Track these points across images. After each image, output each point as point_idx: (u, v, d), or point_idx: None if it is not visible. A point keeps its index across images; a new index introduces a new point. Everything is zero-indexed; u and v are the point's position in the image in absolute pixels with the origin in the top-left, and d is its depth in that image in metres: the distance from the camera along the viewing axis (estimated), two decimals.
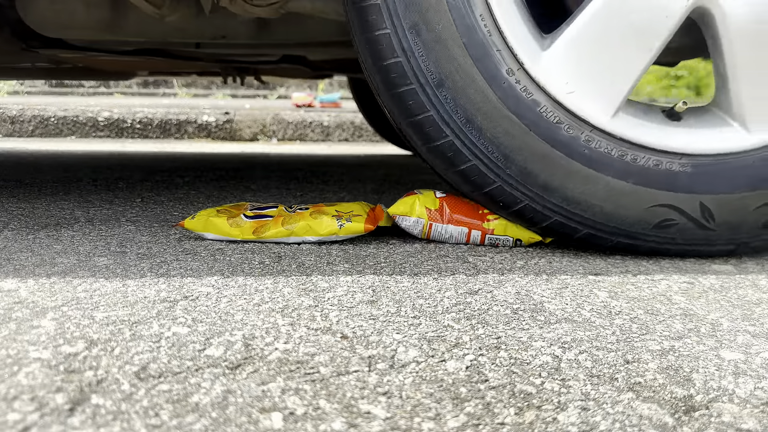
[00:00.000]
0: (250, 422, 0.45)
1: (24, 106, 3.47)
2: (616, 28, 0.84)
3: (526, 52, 0.85)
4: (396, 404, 0.48)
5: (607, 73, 0.86)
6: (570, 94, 0.85)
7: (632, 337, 0.62)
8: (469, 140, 0.87)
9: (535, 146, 0.86)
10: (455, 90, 0.85)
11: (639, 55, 0.85)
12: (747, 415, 0.48)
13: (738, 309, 0.72)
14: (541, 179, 0.88)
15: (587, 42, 0.85)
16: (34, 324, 0.60)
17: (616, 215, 0.89)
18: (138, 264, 0.82)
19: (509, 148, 0.87)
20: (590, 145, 0.87)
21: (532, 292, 0.75)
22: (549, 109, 0.86)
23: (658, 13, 0.83)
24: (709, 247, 0.91)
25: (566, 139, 0.86)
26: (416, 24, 0.84)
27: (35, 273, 0.77)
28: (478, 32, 0.85)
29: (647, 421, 0.47)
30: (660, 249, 0.91)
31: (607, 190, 0.87)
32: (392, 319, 0.65)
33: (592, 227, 0.90)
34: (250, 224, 0.94)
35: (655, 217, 0.88)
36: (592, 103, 0.86)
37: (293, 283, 0.76)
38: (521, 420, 0.47)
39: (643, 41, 0.84)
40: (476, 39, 0.85)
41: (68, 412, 0.45)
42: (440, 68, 0.85)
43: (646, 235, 0.90)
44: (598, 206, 0.88)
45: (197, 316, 0.64)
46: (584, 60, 0.86)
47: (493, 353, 0.58)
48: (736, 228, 0.90)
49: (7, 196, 1.31)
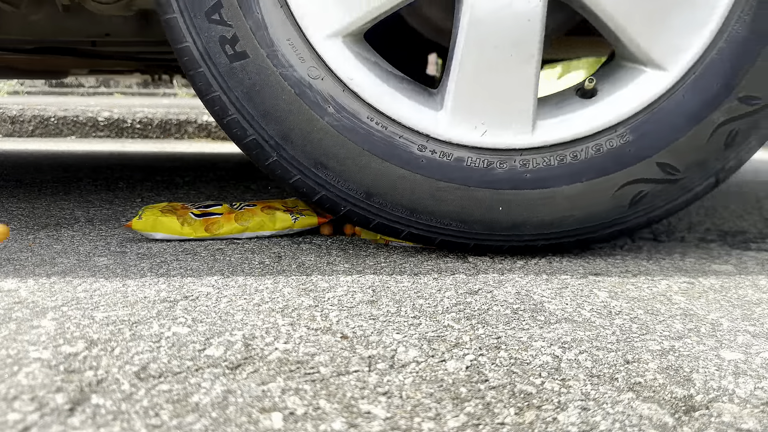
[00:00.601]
0: (250, 422, 0.45)
1: (24, 106, 3.47)
2: (494, 57, 0.82)
3: (430, 125, 0.84)
4: (396, 404, 0.48)
5: (505, 100, 0.84)
6: (485, 135, 0.84)
7: (632, 337, 0.62)
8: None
9: (474, 194, 0.86)
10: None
11: (525, 66, 0.82)
12: (747, 415, 0.48)
13: (738, 309, 0.72)
14: (511, 219, 0.88)
15: (474, 83, 0.83)
16: (34, 324, 0.60)
17: (593, 214, 0.88)
18: (138, 264, 0.82)
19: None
20: (536, 167, 0.86)
21: (532, 292, 0.75)
22: (478, 157, 0.85)
23: (520, 20, 0.80)
24: (690, 192, 0.89)
25: (516, 176, 0.86)
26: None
27: (35, 273, 0.77)
28: None
29: (647, 421, 0.47)
30: (646, 221, 0.89)
31: (571, 201, 0.86)
32: (392, 319, 0.65)
33: (582, 233, 0.90)
34: (200, 222, 0.95)
35: (626, 197, 0.87)
36: (510, 132, 0.85)
37: (293, 283, 0.76)
38: (521, 420, 0.47)
39: (522, 50, 0.82)
40: None
41: (68, 412, 0.45)
42: None
43: (626, 217, 0.88)
44: (574, 216, 0.87)
45: (197, 316, 0.64)
46: (480, 100, 0.84)
47: (493, 353, 0.58)
48: (703, 162, 0.87)
49: (7, 196, 1.31)
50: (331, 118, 0.82)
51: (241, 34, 0.80)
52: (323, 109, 0.82)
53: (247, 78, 0.81)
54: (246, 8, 0.80)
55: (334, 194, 0.85)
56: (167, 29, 0.81)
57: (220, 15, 0.80)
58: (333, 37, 0.82)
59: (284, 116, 0.82)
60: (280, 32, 0.81)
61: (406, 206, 0.85)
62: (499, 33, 0.81)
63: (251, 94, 0.82)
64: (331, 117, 0.82)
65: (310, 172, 0.84)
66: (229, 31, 0.80)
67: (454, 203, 0.85)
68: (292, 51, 0.81)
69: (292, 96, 0.82)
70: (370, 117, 0.83)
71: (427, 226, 0.87)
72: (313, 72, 0.82)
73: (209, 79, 0.82)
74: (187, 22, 0.80)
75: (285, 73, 0.81)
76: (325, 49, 0.81)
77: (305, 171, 0.84)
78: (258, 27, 0.80)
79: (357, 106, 0.83)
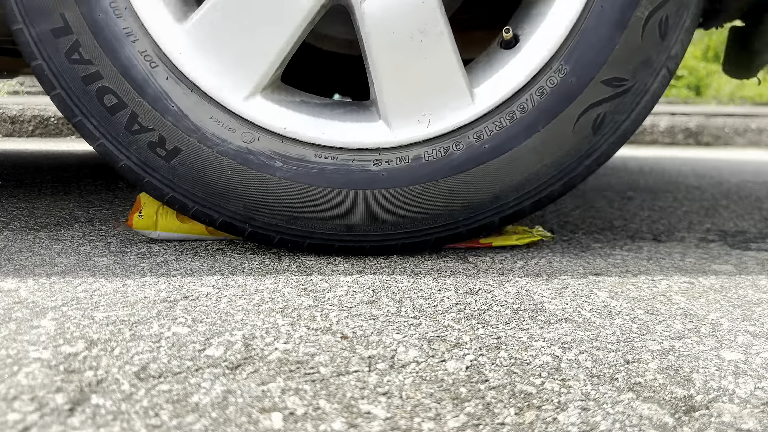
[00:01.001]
0: (250, 422, 0.45)
1: (24, 106, 3.47)
2: (407, 49, 0.81)
3: (377, 137, 0.83)
4: (396, 404, 0.48)
5: (435, 83, 0.82)
6: (431, 125, 0.83)
7: (632, 337, 0.62)
8: None
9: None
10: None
11: (439, 45, 0.81)
12: (747, 415, 0.48)
13: (738, 309, 0.72)
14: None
15: (398, 81, 0.82)
16: (34, 324, 0.60)
17: (564, 154, 0.85)
18: (138, 264, 0.82)
19: None
20: (491, 134, 0.84)
21: (532, 292, 0.75)
22: (433, 148, 0.84)
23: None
24: (648, 93, 0.86)
25: (476, 151, 0.84)
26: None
27: (35, 273, 0.77)
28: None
29: (647, 421, 0.47)
30: (620, 137, 0.87)
31: (537, 153, 0.84)
32: (392, 319, 0.65)
33: (563, 176, 0.87)
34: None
35: (587, 126, 0.84)
36: (452, 112, 0.83)
37: (293, 283, 0.76)
38: (521, 420, 0.47)
39: (430, 32, 0.80)
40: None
41: (68, 412, 0.45)
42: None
43: (597, 143, 0.85)
44: (546, 164, 0.85)
45: (197, 316, 0.64)
46: (410, 93, 0.83)
47: (493, 353, 0.58)
48: (647, 60, 0.84)
49: (7, 196, 1.31)
50: (282, 171, 0.82)
51: (165, 132, 0.81)
52: (271, 167, 0.82)
53: (189, 169, 0.82)
54: (162, 108, 0.80)
55: (319, 239, 0.85)
56: (102, 152, 0.83)
57: (139, 123, 0.81)
58: (251, 97, 0.82)
59: (239, 189, 0.82)
60: (200, 114, 0.81)
61: (390, 222, 0.85)
62: (403, 26, 0.80)
63: (198, 181, 0.82)
64: (281, 171, 0.82)
65: (286, 228, 0.84)
66: (154, 134, 0.81)
67: (439, 201, 0.85)
68: (218, 126, 0.81)
69: (236, 167, 0.82)
70: (318, 155, 0.83)
71: (430, 229, 0.87)
72: (247, 137, 0.82)
73: (159, 185, 0.83)
74: (117, 146, 0.82)
75: (222, 150, 0.81)
76: (249, 110, 0.81)
77: (282, 230, 0.85)
78: (178, 118, 0.81)
79: (301, 150, 0.82)
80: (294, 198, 0.83)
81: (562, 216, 1.26)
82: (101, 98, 0.80)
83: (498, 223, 0.87)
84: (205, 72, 0.80)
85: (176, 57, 0.80)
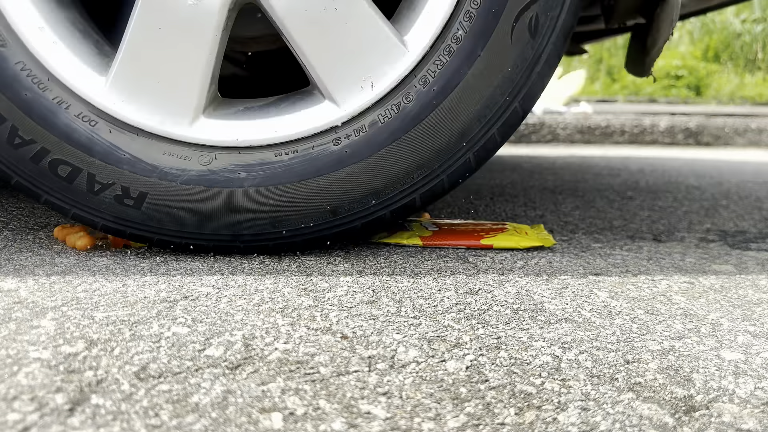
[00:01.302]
0: (250, 422, 0.45)
1: None
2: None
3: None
4: (396, 404, 0.48)
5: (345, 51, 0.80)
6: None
7: (632, 337, 0.62)
8: None
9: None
10: None
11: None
12: (747, 415, 0.48)
13: (738, 309, 0.72)
14: None
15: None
16: (34, 324, 0.60)
17: (514, 69, 0.83)
18: (138, 264, 0.82)
19: None
20: (436, 76, 0.82)
21: (533, 292, 0.75)
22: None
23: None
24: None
25: (428, 103, 0.82)
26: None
27: (35, 273, 0.77)
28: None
29: (647, 421, 0.47)
30: (564, 34, 0.84)
31: (484, 78, 0.82)
32: (392, 319, 0.65)
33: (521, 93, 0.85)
34: None
35: (524, 33, 0.81)
36: (396, 64, 0.81)
37: (293, 283, 0.76)
38: (521, 420, 0.47)
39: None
40: None
41: (68, 412, 0.45)
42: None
43: (542, 47, 0.83)
44: (504, 80, 0.83)
45: (197, 316, 0.64)
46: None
47: (494, 353, 0.58)
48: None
49: (7, 196, 1.31)
50: (249, 180, 0.82)
51: (126, 182, 0.82)
52: (237, 179, 0.82)
53: (161, 209, 0.82)
54: (115, 160, 0.81)
55: (310, 233, 0.85)
56: (79, 221, 0.84)
57: (98, 182, 0.81)
58: (195, 121, 0.82)
59: (216, 211, 0.82)
60: (153, 153, 0.81)
61: (371, 193, 0.84)
62: (312, 1, 0.78)
63: (176, 217, 0.83)
64: (249, 180, 0.82)
65: (275, 233, 0.84)
66: (116, 187, 0.81)
67: (410, 156, 0.82)
68: (174, 159, 0.82)
69: (204, 191, 0.82)
70: (277, 153, 0.83)
71: (413, 185, 0.84)
72: (204, 159, 0.82)
73: (141, 233, 0.84)
74: (88, 211, 0.83)
75: (185, 179, 0.82)
76: (197, 133, 0.82)
77: (273, 236, 0.84)
78: (134, 164, 0.81)
79: (261, 155, 0.82)
80: (270, 201, 0.82)
81: (562, 216, 1.26)
82: (55, 171, 0.81)
83: (474, 162, 0.85)
84: (143, 113, 0.80)
85: (111, 108, 0.80)
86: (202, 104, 0.81)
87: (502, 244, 0.95)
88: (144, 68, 0.80)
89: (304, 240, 0.85)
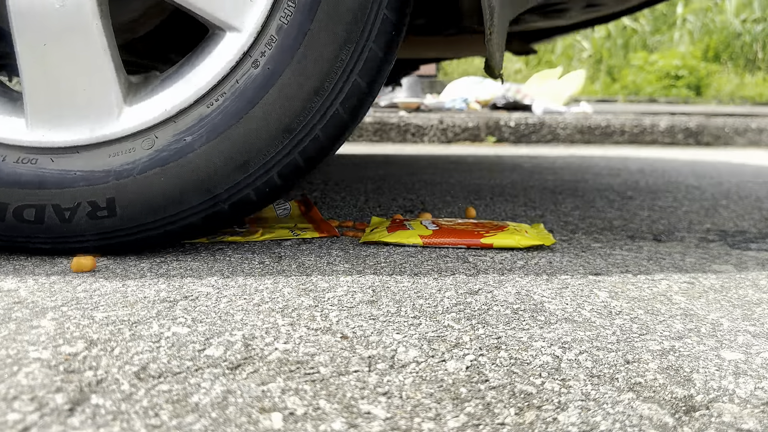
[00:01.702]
0: (250, 422, 0.45)
1: None
2: None
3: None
4: (396, 404, 0.48)
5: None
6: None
7: (632, 337, 0.62)
8: None
9: None
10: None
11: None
12: (747, 415, 0.48)
13: (738, 309, 0.72)
14: None
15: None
16: (34, 324, 0.60)
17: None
18: (138, 264, 0.82)
19: None
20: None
21: (533, 292, 0.75)
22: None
23: None
24: None
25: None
26: None
27: (35, 273, 0.77)
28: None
29: (647, 422, 0.47)
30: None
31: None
32: (392, 319, 0.65)
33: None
34: None
35: None
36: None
37: (293, 283, 0.76)
38: (521, 420, 0.47)
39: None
40: None
41: (68, 412, 0.45)
42: None
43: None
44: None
45: (197, 316, 0.64)
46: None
47: (494, 353, 0.58)
48: None
49: None
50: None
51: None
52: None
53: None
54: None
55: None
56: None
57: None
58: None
59: None
60: None
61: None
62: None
63: None
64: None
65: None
66: None
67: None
68: None
69: None
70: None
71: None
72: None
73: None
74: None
75: None
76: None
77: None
78: None
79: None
80: (226, 149, 0.81)
81: (562, 216, 1.26)
82: (22, 218, 0.81)
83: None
84: (72, 130, 0.80)
85: (43, 141, 0.80)
86: (120, 95, 0.81)
87: (503, 243, 0.95)
88: (50, 91, 0.80)
89: (279, 170, 0.83)
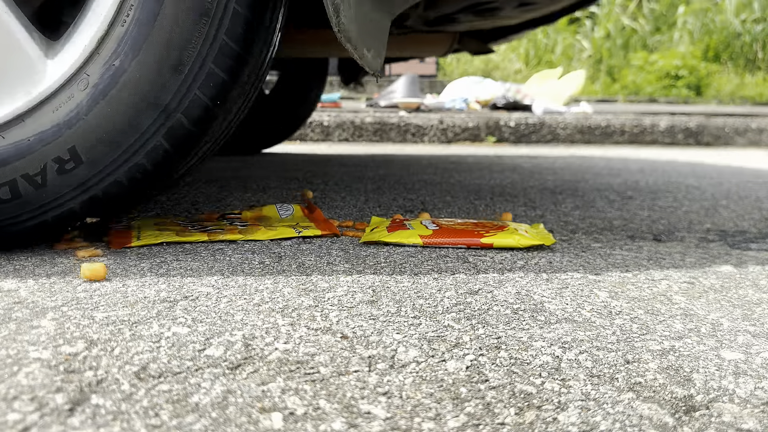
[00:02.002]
0: (250, 422, 0.45)
1: None
2: None
3: None
4: (396, 404, 0.48)
5: None
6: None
7: (632, 337, 0.62)
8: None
9: None
10: None
11: None
12: (747, 415, 0.48)
13: (738, 309, 0.72)
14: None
15: None
16: (34, 324, 0.60)
17: None
18: (138, 264, 0.82)
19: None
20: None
21: (533, 292, 0.75)
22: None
23: None
24: None
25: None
26: None
27: (35, 273, 0.77)
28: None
29: (647, 421, 0.47)
30: None
31: None
32: (392, 319, 0.65)
33: None
34: (202, 233, 0.96)
35: None
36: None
37: (293, 283, 0.76)
38: (521, 420, 0.47)
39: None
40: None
41: (68, 412, 0.45)
42: None
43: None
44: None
45: (197, 316, 0.64)
46: None
47: (494, 353, 0.58)
48: None
49: None
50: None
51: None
52: None
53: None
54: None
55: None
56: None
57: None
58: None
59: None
60: None
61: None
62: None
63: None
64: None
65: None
66: None
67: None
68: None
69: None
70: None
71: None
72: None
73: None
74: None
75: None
76: None
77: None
78: None
79: None
80: (152, 62, 0.81)
81: (562, 216, 1.26)
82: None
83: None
84: (9, 102, 0.81)
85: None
86: (40, 52, 0.81)
87: (503, 243, 0.95)
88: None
89: (213, 60, 0.82)
